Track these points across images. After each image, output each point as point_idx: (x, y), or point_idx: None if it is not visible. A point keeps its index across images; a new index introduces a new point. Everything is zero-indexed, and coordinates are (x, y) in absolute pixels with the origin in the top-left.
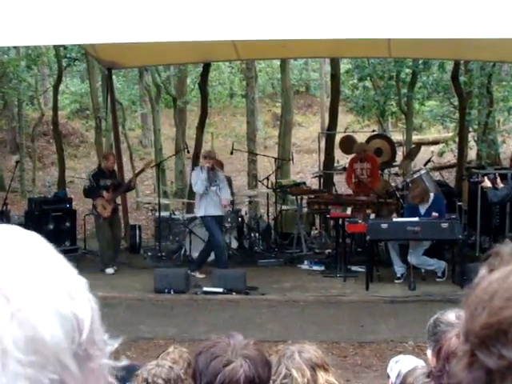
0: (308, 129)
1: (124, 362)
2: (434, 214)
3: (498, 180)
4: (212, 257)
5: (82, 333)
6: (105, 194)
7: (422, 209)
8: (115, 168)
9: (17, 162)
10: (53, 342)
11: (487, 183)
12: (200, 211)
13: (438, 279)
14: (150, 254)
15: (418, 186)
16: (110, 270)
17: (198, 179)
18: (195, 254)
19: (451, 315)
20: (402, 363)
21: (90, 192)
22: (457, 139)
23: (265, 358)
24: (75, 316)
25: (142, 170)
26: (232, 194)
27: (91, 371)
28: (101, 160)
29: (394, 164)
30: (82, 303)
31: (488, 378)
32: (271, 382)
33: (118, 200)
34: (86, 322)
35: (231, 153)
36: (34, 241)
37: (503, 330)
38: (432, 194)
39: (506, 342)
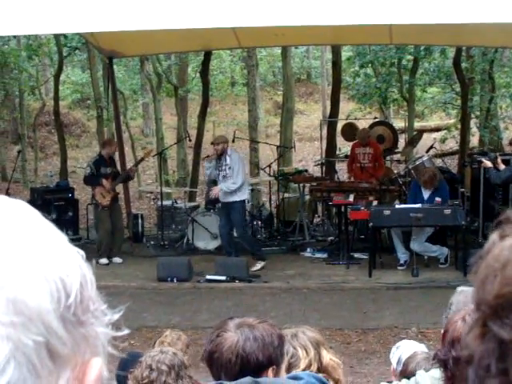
0: (309, 117)
1: (125, 331)
2: (437, 199)
3: (499, 160)
4: (213, 245)
5: (70, 296)
6: (104, 182)
7: (426, 194)
8: (116, 156)
9: (18, 152)
10: (36, 303)
11: (487, 163)
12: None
13: (441, 265)
14: (152, 242)
15: (428, 171)
16: (103, 261)
17: (206, 169)
18: (198, 243)
19: (458, 299)
20: (401, 349)
21: (91, 180)
22: (459, 126)
23: (262, 336)
24: (61, 278)
25: (142, 160)
26: None
27: (84, 338)
28: (108, 151)
29: (396, 151)
30: (69, 267)
31: (501, 349)
32: None
33: (120, 189)
34: (74, 285)
35: (233, 141)
36: (19, 207)
37: None
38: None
39: None
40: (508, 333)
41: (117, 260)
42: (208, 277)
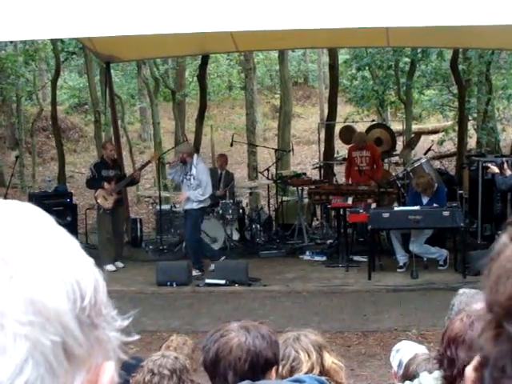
0: (307, 120)
1: (135, 337)
2: (435, 205)
3: (506, 166)
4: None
5: (85, 298)
6: (105, 184)
7: (425, 199)
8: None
9: (16, 158)
10: (53, 303)
11: (494, 169)
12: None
13: (440, 267)
14: (151, 247)
15: (424, 177)
16: (110, 267)
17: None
18: None
19: (460, 300)
20: (402, 352)
21: (92, 182)
22: (456, 128)
23: (266, 333)
24: (76, 281)
25: (148, 163)
26: (232, 188)
27: (97, 341)
28: (107, 153)
29: (394, 153)
30: (84, 271)
31: None
32: (281, 366)
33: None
34: (89, 288)
35: (231, 145)
36: (36, 212)
37: None
38: (436, 185)
39: None
40: None
41: (118, 264)
42: (207, 281)
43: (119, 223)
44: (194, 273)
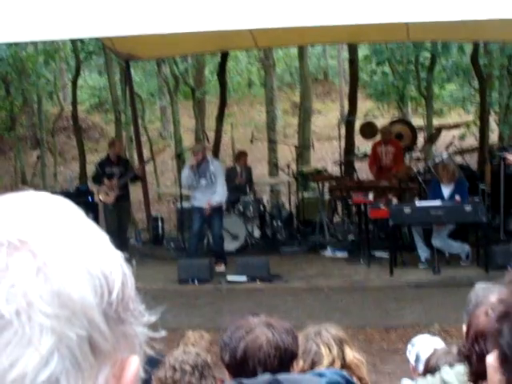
0: (327, 116)
1: (162, 333)
2: (457, 198)
3: None
4: (234, 246)
5: (112, 293)
6: (105, 181)
7: (446, 192)
8: (126, 156)
9: (38, 158)
10: (80, 296)
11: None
12: (192, 201)
13: (463, 263)
14: (172, 244)
15: (446, 165)
16: None
17: (183, 175)
18: None
19: (478, 294)
20: (418, 346)
21: (94, 179)
22: (478, 122)
23: (288, 327)
24: (104, 275)
25: (151, 159)
26: (251, 183)
27: (124, 335)
28: (114, 151)
29: (415, 149)
30: (112, 265)
31: None
32: (301, 361)
33: (140, 192)
34: (117, 282)
35: (251, 142)
36: (66, 205)
37: None
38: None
39: None
40: None
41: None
42: (229, 278)
43: (125, 219)
44: (221, 268)
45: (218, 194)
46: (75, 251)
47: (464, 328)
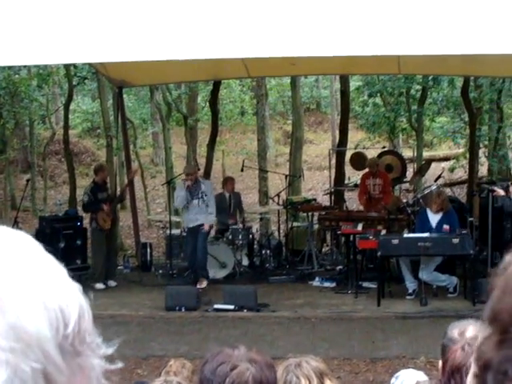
0: (319, 146)
1: (119, 365)
2: (445, 226)
3: (511, 189)
4: (222, 274)
5: (68, 325)
6: (104, 206)
7: (434, 221)
8: (117, 181)
9: (27, 181)
10: (35, 330)
11: (500, 192)
12: (184, 224)
13: (450, 295)
14: (161, 271)
15: (435, 193)
16: (100, 286)
17: (178, 195)
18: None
19: (455, 331)
20: (401, 379)
21: (91, 206)
22: (467, 155)
23: (269, 362)
24: (60, 308)
25: (130, 181)
26: (241, 210)
27: (80, 368)
28: (103, 176)
29: (405, 180)
30: (69, 298)
31: None
32: None
33: (129, 218)
34: (73, 315)
35: (242, 170)
36: (23, 239)
37: None
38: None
39: None
40: None
41: (111, 283)
42: (216, 306)
43: (113, 244)
44: (203, 285)
45: (212, 214)
46: (31, 285)
47: (440, 363)
